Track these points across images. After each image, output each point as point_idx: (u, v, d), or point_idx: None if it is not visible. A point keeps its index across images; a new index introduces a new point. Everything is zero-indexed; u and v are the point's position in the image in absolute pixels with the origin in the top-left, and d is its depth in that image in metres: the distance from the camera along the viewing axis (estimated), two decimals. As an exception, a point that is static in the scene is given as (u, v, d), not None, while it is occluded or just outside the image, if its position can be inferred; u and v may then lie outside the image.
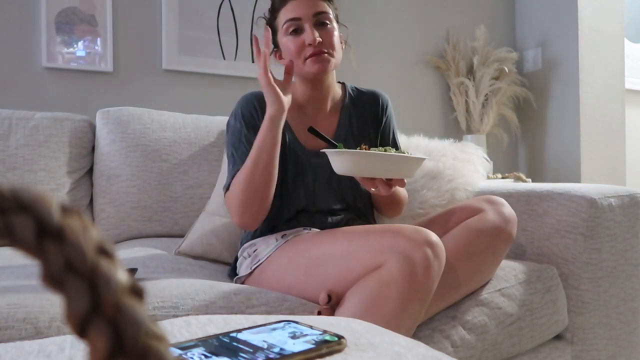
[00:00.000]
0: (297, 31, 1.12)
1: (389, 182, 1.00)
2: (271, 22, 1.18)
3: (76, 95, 1.88)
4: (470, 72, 2.56)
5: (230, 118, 1.19)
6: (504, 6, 2.76)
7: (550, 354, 1.25)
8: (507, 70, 2.51)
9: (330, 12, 1.15)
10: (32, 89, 1.83)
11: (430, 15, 2.57)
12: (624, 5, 2.68)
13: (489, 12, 2.72)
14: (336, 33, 1.15)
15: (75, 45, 1.87)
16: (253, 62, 2.13)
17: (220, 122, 1.75)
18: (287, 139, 1.17)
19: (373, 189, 1.01)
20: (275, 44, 1.19)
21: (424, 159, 0.99)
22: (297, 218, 1.16)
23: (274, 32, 1.17)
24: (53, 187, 1.53)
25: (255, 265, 1.10)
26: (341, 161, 0.99)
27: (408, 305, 0.88)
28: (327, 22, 1.13)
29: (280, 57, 1.18)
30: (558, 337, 1.29)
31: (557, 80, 2.56)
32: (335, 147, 1.06)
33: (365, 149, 1.00)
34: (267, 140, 1.04)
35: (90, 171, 1.64)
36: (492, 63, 2.50)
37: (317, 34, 1.10)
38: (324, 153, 1.03)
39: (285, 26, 1.12)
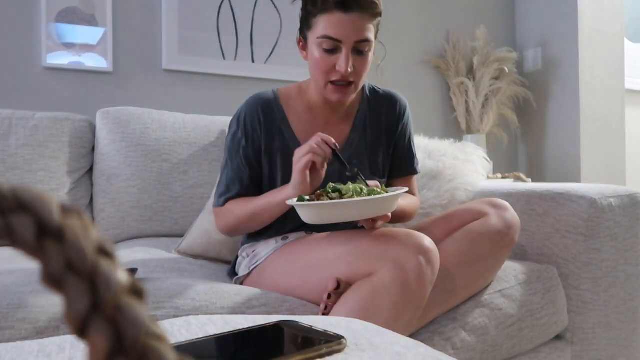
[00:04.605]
0: (332, 50, 1.02)
1: (372, 219, 0.95)
2: (306, 16, 1.06)
3: (76, 95, 1.88)
4: (470, 72, 2.56)
5: (234, 119, 1.14)
6: (504, 6, 2.76)
7: (551, 354, 1.25)
8: (507, 70, 2.51)
9: (372, 36, 1.04)
10: (32, 89, 1.83)
11: (430, 15, 2.57)
12: (624, 5, 2.68)
13: (489, 12, 2.72)
14: (370, 57, 1.06)
15: (75, 45, 1.87)
16: (253, 62, 2.14)
17: (220, 122, 1.75)
18: (291, 149, 1.08)
19: (359, 225, 0.98)
20: (304, 35, 1.09)
21: (396, 195, 0.90)
22: (302, 228, 1.12)
23: (307, 27, 1.06)
24: (53, 187, 1.53)
25: (254, 266, 1.10)
26: (304, 213, 0.91)
27: (401, 314, 0.86)
28: (367, 49, 1.04)
29: (304, 49, 1.09)
30: (558, 337, 1.29)
31: (557, 80, 2.56)
32: (346, 168, 0.98)
33: (329, 195, 0.91)
34: (274, 210, 1.03)
35: (90, 171, 1.64)
36: (492, 63, 2.50)
37: (351, 63, 1.02)
38: (333, 162, 0.98)
39: (320, 40, 1.02)
